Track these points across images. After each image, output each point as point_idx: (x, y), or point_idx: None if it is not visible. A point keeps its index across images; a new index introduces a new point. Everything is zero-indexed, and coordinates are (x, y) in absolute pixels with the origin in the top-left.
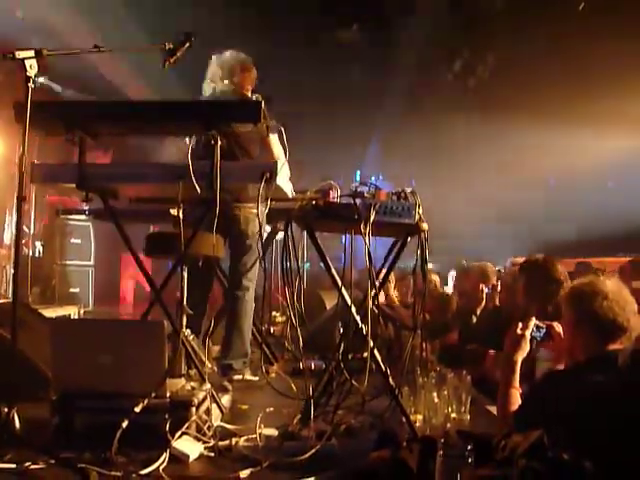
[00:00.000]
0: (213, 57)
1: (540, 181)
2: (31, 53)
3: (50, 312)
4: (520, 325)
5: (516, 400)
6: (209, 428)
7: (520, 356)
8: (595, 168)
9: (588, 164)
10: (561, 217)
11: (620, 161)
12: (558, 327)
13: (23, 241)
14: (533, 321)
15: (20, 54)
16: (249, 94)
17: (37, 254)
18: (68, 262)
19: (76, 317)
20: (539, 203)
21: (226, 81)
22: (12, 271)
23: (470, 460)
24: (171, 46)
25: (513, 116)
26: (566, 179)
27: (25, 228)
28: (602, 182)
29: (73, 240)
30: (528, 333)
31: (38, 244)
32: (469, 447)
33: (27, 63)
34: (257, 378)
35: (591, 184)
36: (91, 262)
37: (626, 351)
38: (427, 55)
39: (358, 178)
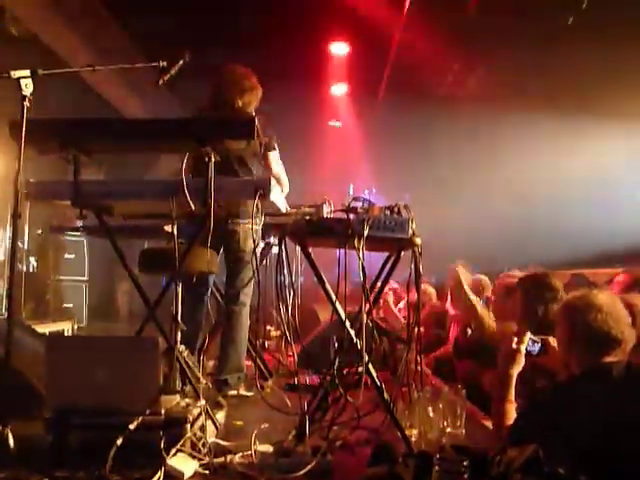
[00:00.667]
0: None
1: (533, 194)
2: (27, 72)
3: (44, 328)
4: (515, 339)
5: (511, 414)
6: (204, 445)
7: (515, 370)
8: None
9: (580, 176)
10: (555, 230)
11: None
12: (553, 341)
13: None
14: (528, 335)
15: (16, 73)
16: (252, 112)
17: (31, 269)
18: (62, 277)
19: (70, 333)
20: (532, 216)
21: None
22: (6, 287)
23: (466, 475)
24: (164, 64)
25: (508, 127)
26: (559, 192)
27: (19, 244)
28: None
29: (67, 255)
30: (523, 348)
31: (32, 259)
32: (465, 462)
33: (22, 82)
34: (251, 394)
35: (582, 197)
36: (85, 277)
37: (621, 364)
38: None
39: (351, 191)
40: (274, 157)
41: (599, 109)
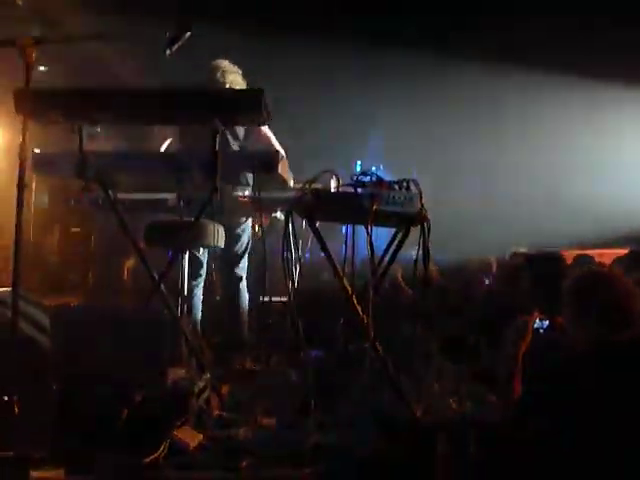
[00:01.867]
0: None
1: (543, 172)
2: (31, 40)
3: (49, 301)
4: (525, 317)
5: (518, 389)
6: (209, 418)
7: (523, 346)
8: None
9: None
10: (563, 209)
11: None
12: (561, 319)
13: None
14: (537, 314)
15: (20, 41)
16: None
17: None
18: (68, 250)
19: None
20: (541, 194)
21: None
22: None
23: (472, 447)
24: (172, 35)
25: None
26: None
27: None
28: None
29: (73, 229)
30: (531, 325)
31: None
32: (471, 435)
33: (27, 51)
34: (257, 367)
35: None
36: (91, 250)
37: (630, 340)
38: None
39: (359, 168)
40: (266, 130)
41: None
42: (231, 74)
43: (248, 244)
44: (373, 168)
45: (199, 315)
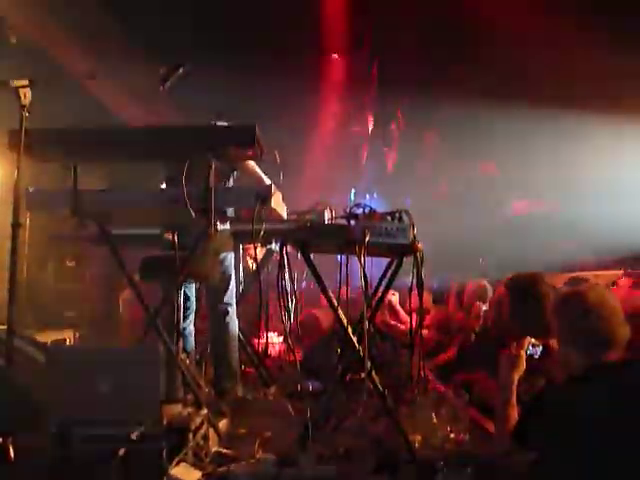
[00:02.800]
0: None
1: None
2: (25, 82)
3: (45, 337)
4: (515, 344)
5: (514, 419)
6: (206, 454)
7: (516, 375)
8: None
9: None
10: (562, 232)
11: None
12: (555, 344)
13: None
14: (528, 340)
15: (14, 83)
16: None
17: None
18: (63, 285)
19: (71, 341)
20: (540, 218)
21: None
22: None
23: None
24: (165, 71)
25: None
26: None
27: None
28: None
29: (68, 263)
30: (523, 352)
31: (33, 268)
32: (468, 469)
33: (21, 92)
34: (250, 397)
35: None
36: (86, 285)
37: (620, 362)
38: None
39: (353, 196)
40: (254, 165)
41: None
42: None
43: (232, 273)
44: (367, 196)
45: (192, 349)
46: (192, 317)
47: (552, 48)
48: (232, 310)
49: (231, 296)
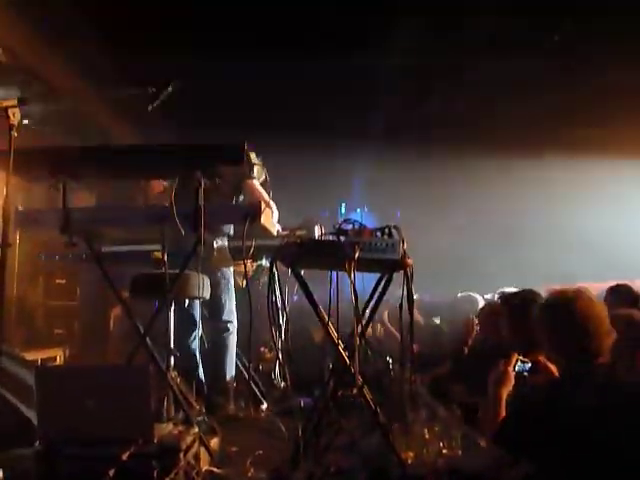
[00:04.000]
0: None
1: (534, 209)
2: (14, 102)
3: (34, 354)
4: (503, 361)
5: None
6: (198, 473)
7: (504, 392)
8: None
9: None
10: (560, 246)
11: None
12: (544, 360)
13: None
14: (515, 357)
15: (3, 103)
16: None
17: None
18: (53, 303)
19: (61, 359)
20: (533, 231)
21: None
22: None
23: None
24: (154, 89)
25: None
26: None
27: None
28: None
29: (58, 280)
30: (510, 369)
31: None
32: None
33: (10, 112)
34: (241, 414)
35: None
36: (76, 302)
37: (604, 367)
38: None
39: (344, 210)
40: (257, 183)
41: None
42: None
43: (231, 287)
44: (357, 210)
45: (199, 368)
46: (197, 334)
47: None
48: (232, 327)
49: (230, 312)
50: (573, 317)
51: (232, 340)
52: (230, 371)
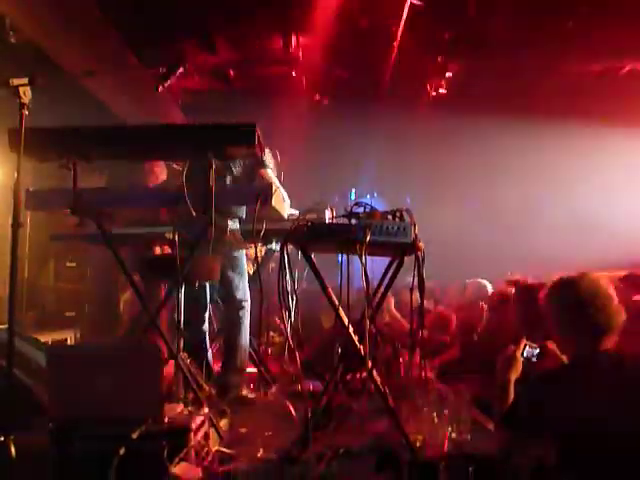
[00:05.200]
0: None
1: (542, 194)
2: (25, 80)
3: (45, 337)
4: (512, 346)
5: None
6: (208, 453)
7: (513, 376)
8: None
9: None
10: (565, 232)
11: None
12: (552, 345)
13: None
14: (524, 342)
15: (14, 81)
16: None
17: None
18: (63, 286)
19: (72, 341)
20: (540, 217)
21: None
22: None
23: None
24: (165, 70)
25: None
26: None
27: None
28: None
29: (68, 264)
30: (519, 354)
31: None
32: (470, 469)
33: (21, 90)
34: (254, 396)
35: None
36: (87, 285)
37: (613, 352)
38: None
39: (353, 196)
40: (267, 174)
41: None
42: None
43: (244, 268)
44: (367, 196)
45: (198, 349)
46: (206, 316)
47: None
48: (246, 306)
49: (245, 293)
50: (580, 293)
51: (246, 319)
52: (245, 352)
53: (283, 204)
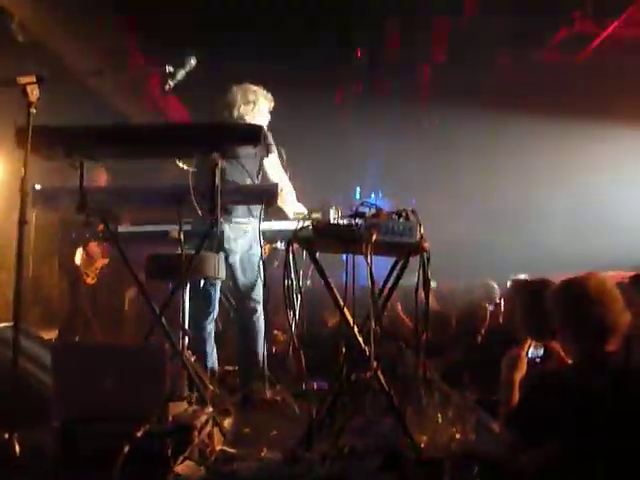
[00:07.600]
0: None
1: (552, 195)
2: (32, 78)
3: (51, 334)
4: (517, 346)
5: None
6: (211, 452)
7: (518, 376)
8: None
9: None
10: (575, 233)
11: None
12: (557, 346)
13: None
14: (529, 342)
15: (22, 80)
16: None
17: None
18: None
19: (77, 339)
20: (549, 218)
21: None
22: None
23: None
24: (171, 69)
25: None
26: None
27: None
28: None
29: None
30: (524, 353)
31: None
32: (475, 469)
33: (28, 89)
34: (279, 398)
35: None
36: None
37: (618, 354)
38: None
39: (358, 195)
40: (269, 163)
41: None
42: (240, 107)
43: (259, 271)
44: (372, 195)
45: (212, 349)
46: (214, 316)
47: None
48: (260, 307)
49: (259, 293)
50: (586, 293)
51: (262, 323)
52: (261, 352)
53: (291, 203)
